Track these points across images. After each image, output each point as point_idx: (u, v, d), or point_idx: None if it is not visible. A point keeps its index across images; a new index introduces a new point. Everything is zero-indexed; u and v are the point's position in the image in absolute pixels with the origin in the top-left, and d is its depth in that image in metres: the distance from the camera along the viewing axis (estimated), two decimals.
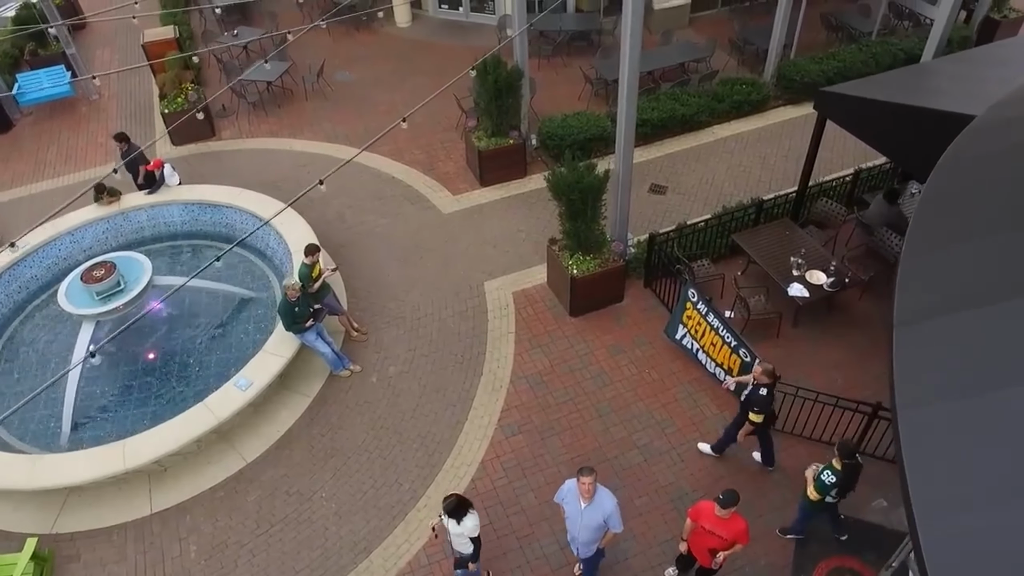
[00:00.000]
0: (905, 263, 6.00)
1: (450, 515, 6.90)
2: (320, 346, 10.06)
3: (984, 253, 5.70)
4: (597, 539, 7.29)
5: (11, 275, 11.79)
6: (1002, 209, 6.02)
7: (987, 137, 7.14)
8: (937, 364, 5.19)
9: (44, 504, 9.23)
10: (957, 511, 4.26)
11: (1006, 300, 5.24)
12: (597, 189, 9.98)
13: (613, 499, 7.07)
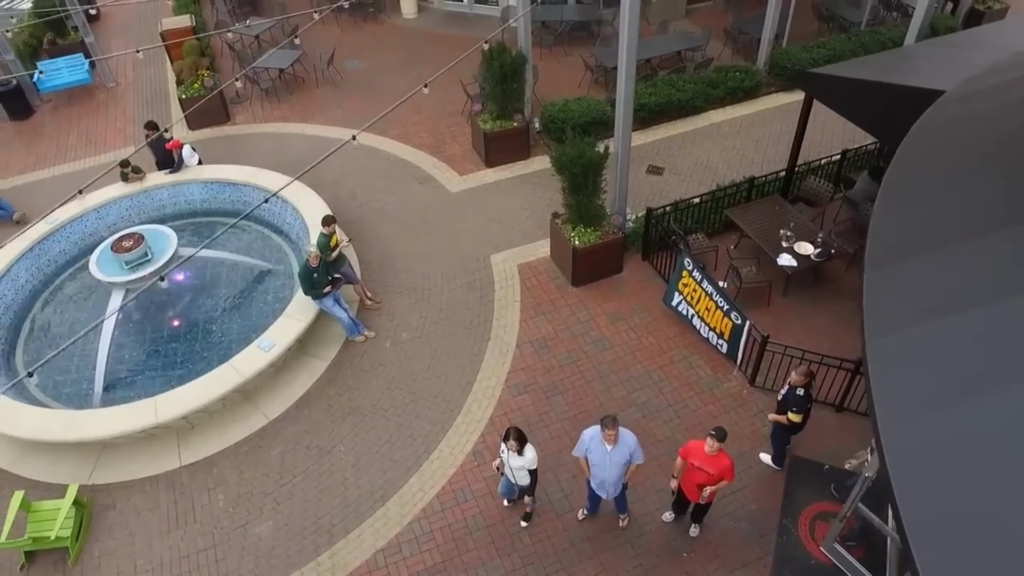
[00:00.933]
0: (877, 215, 6.65)
1: (517, 440, 7.59)
2: (337, 311, 10.68)
3: (945, 204, 6.35)
4: (624, 474, 8.02)
5: (41, 249, 12.39)
6: (961, 166, 6.67)
7: (954, 107, 7.78)
8: (902, 299, 5.83)
9: (80, 459, 9.84)
10: (912, 418, 4.90)
11: (963, 242, 5.88)
12: (597, 164, 10.61)
13: (633, 435, 7.83)
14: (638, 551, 8.69)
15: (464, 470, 9.50)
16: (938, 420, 4.78)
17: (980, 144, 6.87)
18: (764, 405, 10.06)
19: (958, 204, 6.32)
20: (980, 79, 8.27)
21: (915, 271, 5.98)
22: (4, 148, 16.30)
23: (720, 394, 10.26)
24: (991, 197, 6.13)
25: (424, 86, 9.78)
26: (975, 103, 7.65)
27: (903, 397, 5.08)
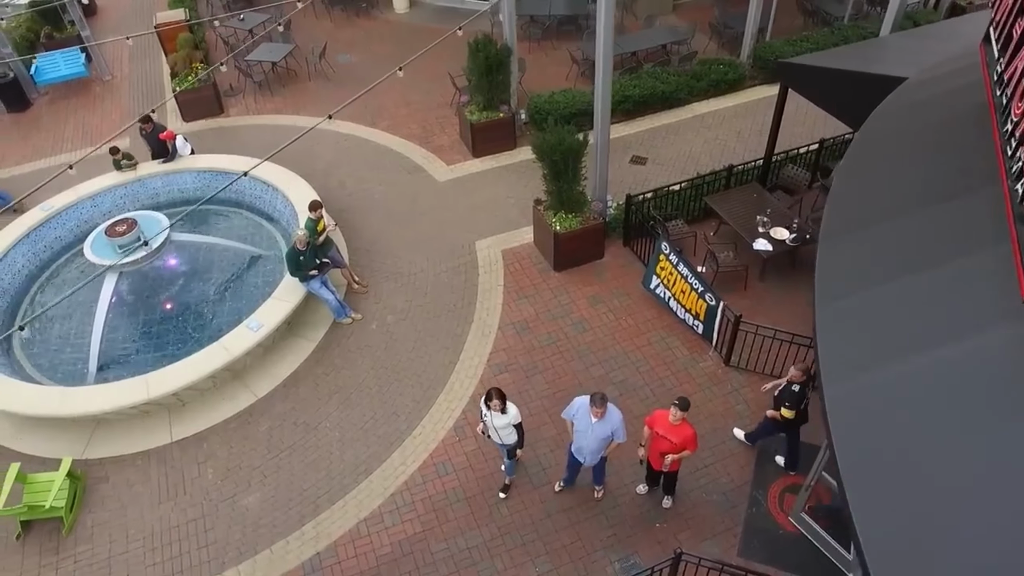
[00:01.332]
0: (832, 192, 6.99)
1: (493, 401, 7.95)
2: (324, 293, 11.00)
3: (894, 180, 6.68)
4: (602, 448, 8.31)
5: (37, 235, 12.70)
6: (912, 145, 7.00)
7: (910, 94, 8.11)
8: (849, 268, 6.17)
9: (75, 435, 10.16)
10: (853, 371, 5.23)
11: (904, 216, 6.21)
12: (577, 151, 10.92)
13: (619, 413, 8.12)
14: (612, 522, 9.00)
15: (445, 445, 9.81)
16: (872, 378, 5.11)
17: (926, 127, 7.19)
18: (738, 384, 10.39)
19: (901, 183, 6.65)
20: (938, 67, 8.60)
21: (859, 245, 6.31)
22: (1, 139, 16.61)
23: (696, 373, 10.57)
24: (930, 176, 6.45)
25: (399, 69, 10.09)
26: (929, 89, 7.98)
27: (843, 357, 5.42)
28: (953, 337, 4.94)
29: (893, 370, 5.04)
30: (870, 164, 7.18)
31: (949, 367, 4.80)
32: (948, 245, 5.63)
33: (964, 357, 4.78)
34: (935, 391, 4.76)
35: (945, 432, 4.56)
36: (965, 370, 4.74)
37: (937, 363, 4.86)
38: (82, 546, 9.08)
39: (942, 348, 4.92)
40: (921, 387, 4.84)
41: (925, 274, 5.54)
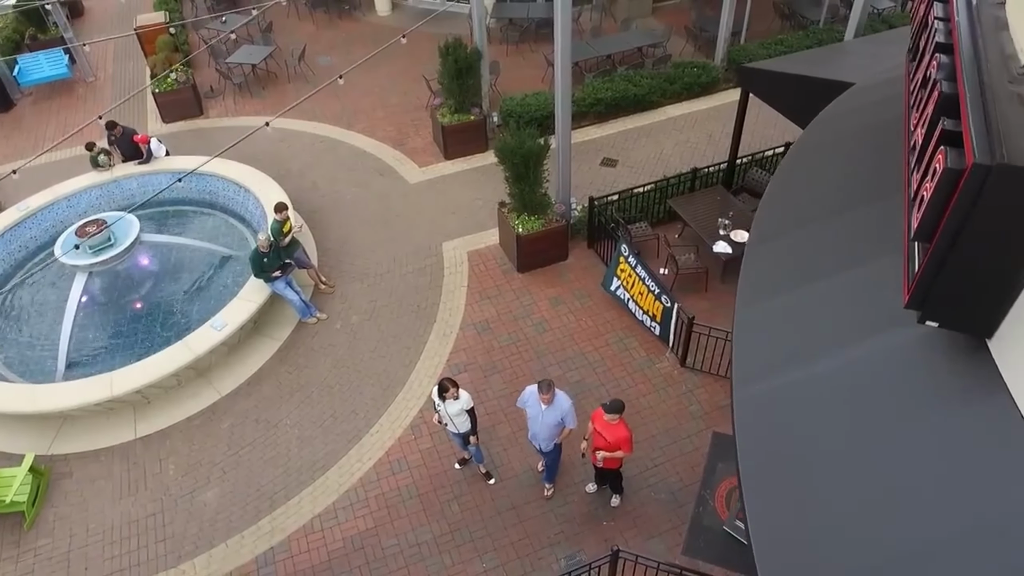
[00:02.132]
0: (765, 198, 7.16)
1: (448, 391, 8.12)
2: (289, 294, 11.19)
3: (819, 186, 6.85)
4: (555, 435, 8.52)
5: (12, 235, 12.91)
6: (848, 146, 7.18)
7: (853, 99, 8.27)
8: (774, 274, 6.33)
9: (41, 430, 10.36)
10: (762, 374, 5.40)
11: (825, 221, 6.38)
12: (538, 154, 11.09)
13: (569, 400, 8.33)
14: (560, 519, 9.17)
15: (401, 443, 9.99)
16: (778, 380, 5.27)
17: (861, 132, 7.35)
18: (693, 385, 10.55)
19: (828, 187, 6.81)
20: (884, 72, 8.74)
21: (782, 249, 6.48)
22: None
23: (652, 374, 10.74)
24: (857, 179, 6.61)
25: (339, 77, 10.30)
26: (869, 95, 8.13)
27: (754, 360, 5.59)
28: (850, 341, 5.11)
29: (794, 374, 5.20)
30: (802, 169, 7.34)
31: (844, 371, 4.96)
32: (857, 250, 5.79)
33: (859, 360, 4.94)
34: (830, 393, 4.93)
35: (835, 431, 4.72)
36: (861, 373, 4.90)
37: (833, 367, 5.02)
38: (43, 540, 9.28)
39: (839, 352, 5.08)
40: (818, 390, 5.01)
41: (833, 279, 5.70)
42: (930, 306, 4.23)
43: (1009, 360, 4.10)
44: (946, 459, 4.16)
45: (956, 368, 4.41)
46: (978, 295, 4.10)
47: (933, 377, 4.54)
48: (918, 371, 4.64)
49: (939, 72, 4.54)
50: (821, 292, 5.80)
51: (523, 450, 9.79)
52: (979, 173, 3.61)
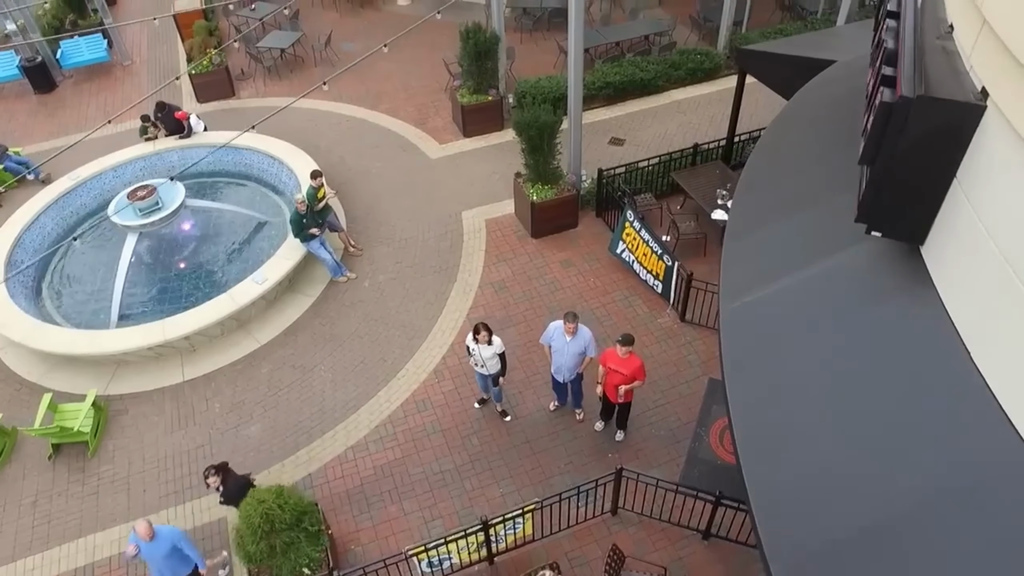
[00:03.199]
0: (749, 162, 8.16)
1: (480, 334, 9.16)
2: (322, 254, 12.22)
3: (805, 144, 7.83)
4: (578, 364, 9.59)
5: (64, 201, 14.00)
6: (824, 111, 8.15)
7: (836, 71, 9.24)
8: (758, 213, 7.32)
9: (98, 374, 11.43)
10: (742, 293, 6.39)
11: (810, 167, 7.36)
12: (551, 127, 12.09)
13: (589, 331, 9.41)
14: (570, 452, 10.18)
15: (426, 385, 11.02)
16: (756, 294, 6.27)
17: (836, 99, 8.32)
18: (691, 337, 11.54)
19: (806, 145, 7.80)
20: (866, 51, 9.70)
21: (765, 195, 7.47)
22: (30, 117, 17.96)
23: (654, 328, 11.72)
24: (831, 138, 7.58)
25: (384, 46, 11.20)
26: (848, 68, 9.09)
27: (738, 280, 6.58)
28: (814, 260, 6.10)
29: (768, 288, 6.20)
30: (784, 132, 8.32)
31: (807, 282, 5.95)
32: (827, 191, 6.77)
33: (819, 273, 5.93)
34: (795, 299, 5.92)
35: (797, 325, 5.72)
36: (821, 281, 5.89)
37: (799, 280, 6.01)
38: (104, 466, 10.35)
39: (804, 269, 6.07)
40: (787, 298, 6.00)
41: (805, 214, 6.69)
42: (874, 218, 5.22)
43: (935, 261, 5.08)
44: (888, 337, 5.15)
45: (896, 270, 5.39)
46: (910, 207, 5.08)
47: (879, 278, 5.53)
48: (868, 274, 5.63)
49: (887, 34, 5.52)
50: (794, 225, 6.79)
51: (536, 392, 10.81)
52: (904, 104, 4.60)
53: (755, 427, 5.36)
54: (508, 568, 8.88)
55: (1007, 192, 4.28)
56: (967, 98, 4.59)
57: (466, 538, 8.33)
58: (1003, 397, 4.25)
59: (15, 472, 10.38)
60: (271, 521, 7.53)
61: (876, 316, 5.41)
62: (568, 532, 9.24)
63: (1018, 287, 4.05)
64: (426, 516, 9.53)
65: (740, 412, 5.45)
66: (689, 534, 9.20)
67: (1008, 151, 4.27)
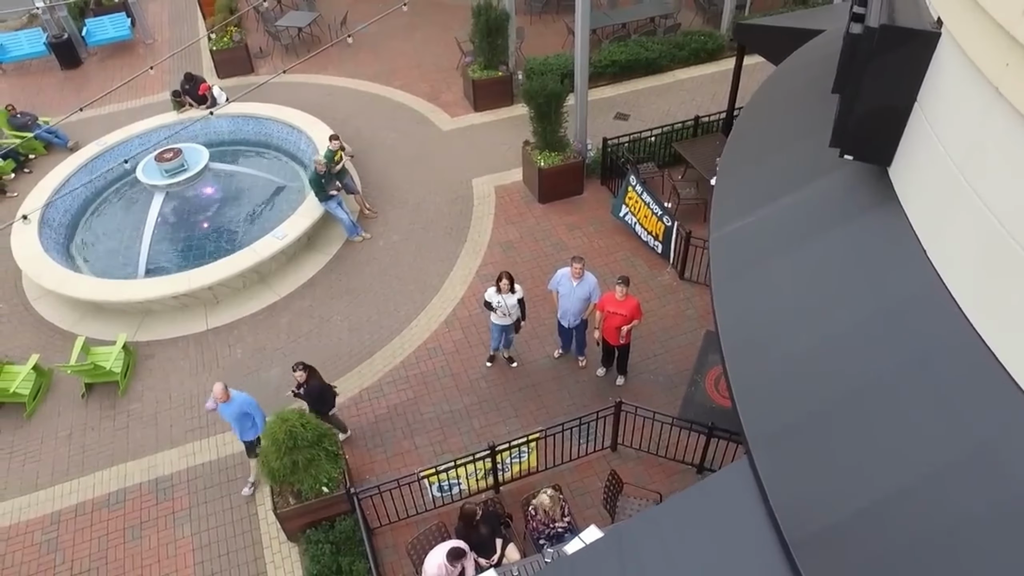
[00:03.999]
0: (740, 115, 8.77)
1: (509, 280, 9.89)
2: (340, 213, 12.87)
3: (791, 97, 8.43)
4: (583, 310, 10.20)
5: (92, 166, 14.68)
6: (812, 70, 8.74)
7: (824, 38, 9.83)
8: (745, 156, 7.93)
9: (126, 322, 12.09)
10: (729, 221, 7.00)
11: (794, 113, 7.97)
12: (559, 95, 12.70)
13: (595, 278, 10.08)
14: (573, 395, 10.80)
15: (437, 335, 11.65)
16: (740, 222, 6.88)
17: (822, 59, 8.91)
18: (690, 294, 12.15)
19: (792, 98, 8.41)
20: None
21: (753, 139, 8.09)
22: (58, 91, 18.67)
23: (655, 285, 12.33)
24: (814, 91, 8.17)
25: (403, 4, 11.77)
26: (837, 34, 9.67)
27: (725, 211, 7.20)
28: (794, 188, 6.70)
29: (753, 216, 6.81)
30: (774, 89, 8.93)
31: (790, 208, 6.56)
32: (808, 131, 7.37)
33: (800, 199, 6.54)
34: (778, 221, 6.53)
35: (778, 243, 6.33)
36: (801, 206, 6.49)
37: (782, 206, 6.62)
38: (134, 404, 11.02)
39: (785, 196, 6.68)
40: (772, 221, 6.61)
41: (786, 151, 7.31)
42: (846, 142, 5.82)
43: (900, 179, 5.68)
44: (857, 248, 5.75)
45: (866, 192, 5.99)
46: (878, 131, 5.68)
47: (851, 200, 6.13)
48: (842, 197, 6.24)
49: None
50: (778, 163, 7.41)
51: (541, 342, 11.43)
52: (870, 33, 5.20)
53: (737, 328, 5.97)
54: (513, 495, 9.49)
55: (958, 108, 4.88)
56: (924, 27, 5.20)
57: (474, 463, 8.95)
58: (954, 287, 4.84)
59: (51, 409, 11.05)
60: (294, 438, 8.15)
61: (847, 232, 6.02)
62: (570, 465, 9.86)
63: (967, 191, 4.65)
64: (436, 450, 10.15)
65: (725, 319, 6.06)
66: (684, 468, 9.80)
67: (959, 72, 4.87)
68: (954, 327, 4.77)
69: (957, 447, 4.38)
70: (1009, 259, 4.20)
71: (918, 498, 4.33)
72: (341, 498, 8.85)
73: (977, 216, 4.53)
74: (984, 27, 4.39)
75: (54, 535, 9.58)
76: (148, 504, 9.87)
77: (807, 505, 4.73)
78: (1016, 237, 4.15)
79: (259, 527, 9.56)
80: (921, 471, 4.40)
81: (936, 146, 5.11)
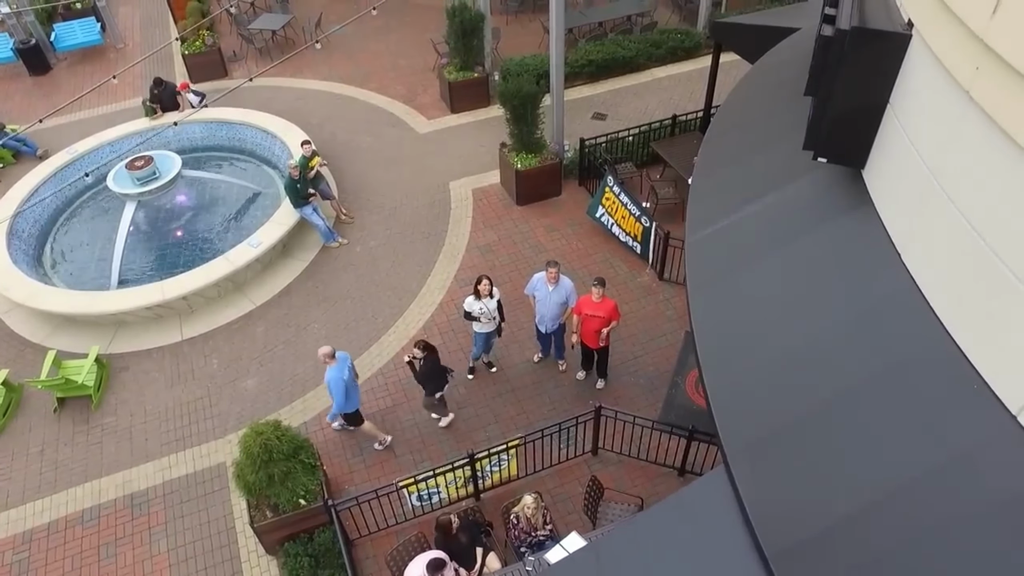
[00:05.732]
0: (716, 116, 8.72)
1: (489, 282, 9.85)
2: (315, 219, 12.71)
3: (765, 97, 8.39)
4: (560, 315, 10.13)
5: (62, 176, 14.42)
6: (786, 70, 8.71)
7: (798, 36, 9.81)
8: (721, 158, 7.89)
9: (99, 334, 11.87)
10: (705, 225, 6.95)
11: (768, 116, 7.93)
12: (534, 96, 12.61)
13: (570, 282, 10.02)
14: (553, 399, 10.72)
15: (415, 340, 11.49)
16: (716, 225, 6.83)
17: (796, 58, 8.87)
18: (669, 295, 12.11)
19: (766, 98, 8.37)
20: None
21: (729, 141, 8.04)
22: (26, 98, 18.35)
23: (634, 287, 12.28)
24: (788, 90, 8.13)
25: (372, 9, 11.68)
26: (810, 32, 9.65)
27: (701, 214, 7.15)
28: (770, 190, 6.65)
29: (729, 218, 6.75)
30: (748, 89, 8.89)
31: (766, 209, 6.51)
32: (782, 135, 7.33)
33: (776, 200, 6.49)
34: (755, 223, 6.48)
35: (757, 244, 6.28)
36: (776, 207, 6.45)
37: (758, 207, 6.57)
38: (108, 418, 10.83)
39: (761, 198, 6.63)
40: (750, 223, 6.56)
41: (761, 155, 7.26)
42: (819, 145, 5.77)
43: (874, 181, 5.63)
44: (831, 251, 5.71)
45: (841, 194, 5.95)
46: (851, 133, 5.63)
47: (825, 202, 6.09)
48: (817, 200, 6.20)
49: None
50: (753, 166, 7.36)
51: (521, 346, 11.35)
52: (841, 35, 5.14)
53: (713, 336, 5.91)
54: (494, 503, 9.40)
55: (930, 111, 4.83)
56: (895, 29, 5.16)
57: (454, 471, 8.86)
58: (927, 291, 4.80)
59: (22, 425, 10.84)
60: (270, 451, 8.02)
61: (822, 235, 5.97)
62: (551, 471, 9.78)
63: (940, 195, 4.60)
64: (416, 459, 10.05)
65: (701, 325, 6.01)
66: (665, 471, 9.77)
67: (930, 75, 4.82)
68: (929, 333, 4.72)
69: (933, 455, 4.34)
70: (982, 264, 4.16)
71: (894, 507, 4.28)
72: (319, 510, 8.73)
73: (950, 220, 4.49)
74: (954, 31, 4.35)
75: (25, 555, 9.38)
76: (123, 520, 9.70)
77: (785, 516, 4.68)
78: (989, 243, 4.11)
79: (237, 540, 9.41)
80: (897, 480, 4.35)
81: (909, 149, 5.06)
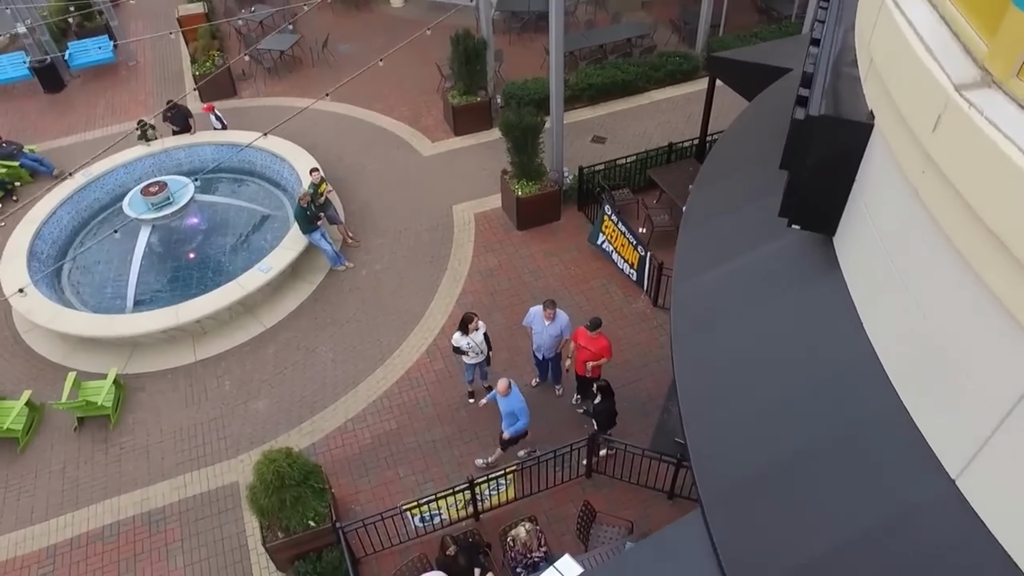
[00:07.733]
0: (704, 165, 9.23)
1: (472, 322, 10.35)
2: (323, 244, 13.23)
3: (753, 148, 8.89)
4: (556, 345, 10.70)
5: (80, 197, 14.95)
6: (775, 117, 9.20)
7: (788, 80, 10.29)
8: (707, 209, 8.39)
9: (116, 355, 12.41)
10: (689, 277, 7.45)
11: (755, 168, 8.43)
12: (535, 128, 13.11)
13: (566, 316, 10.54)
14: (550, 423, 11.24)
15: (419, 364, 12.05)
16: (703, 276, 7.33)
17: (784, 107, 9.36)
18: (662, 321, 12.59)
19: (753, 149, 8.87)
20: None
21: (716, 192, 8.53)
22: (40, 116, 18.87)
23: (628, 312, 12.79)
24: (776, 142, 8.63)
25: (379, 61, 12.17)
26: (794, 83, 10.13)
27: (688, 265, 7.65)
28: (748, 248, 7.16)
29: (712, 272, 7.26)
30: (738, 137, 9.38)
31: (744, 267, 7.02)
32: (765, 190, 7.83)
33: (752, 260, 7.00)
34: (732, 280, 6.99)
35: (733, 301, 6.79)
36: (753, 266, 6.95)
37: (736, 266, 7.08)
38: (125, 437, 11.37)
39: (741, 256, 7.14)
40: (728, 280, 7.06)
41: (744, 210, 7.76)
42: (793, 214, 6.27)
43: (842, 250, 6.14)
44: (802, 314, 6.21)
45: (814, 257, 6.45)
46: (821, 205, 6.13)
47: (800, 264, 6.59)
48: (793, 260, 6.70)
49: (808, 59, 6.57)
50: (738, 219, 7.86)
51: (519, 371, 11.86)
52: (809, 122, 5.65)
53: (693, 387, 6.43)
54: (493, 524, 9.93)
55: (887, 197, 5.34)
56: (860, 118, 5.65)
57: (455, 495, 9.39)
58: (883, 358, 5.31)
59: (44, 443, 11.38)
60: (281, 477, 8.55)
61: (796, 296, 6.49)
62: (547, 493, 10.31)
63: (893, 272, 5.10)
64: (419, 479, 10.58)
65: (682, 378, 6.52)
66: (656, 495, 10.28)
67: (886, 165, 5.32)
68: (884, 397, 5.24)
69: (882, 509, 4.85)
70: (927, 343, 4.66)
71: (844, 557, 4.80)
72: (328, 531, 9.26)
73: (902, 298, 4.99)
74: (905, 132, 4.84)
75: (50, 569, 9.93)
76: (142, 536, 10.24)
77: (752, 560, 5.20)
78: (933, 324, 4.60)
79: (249, 558, 9.95)
80: (850, 533, 4.87)
81: (870, 227, 5.57)
